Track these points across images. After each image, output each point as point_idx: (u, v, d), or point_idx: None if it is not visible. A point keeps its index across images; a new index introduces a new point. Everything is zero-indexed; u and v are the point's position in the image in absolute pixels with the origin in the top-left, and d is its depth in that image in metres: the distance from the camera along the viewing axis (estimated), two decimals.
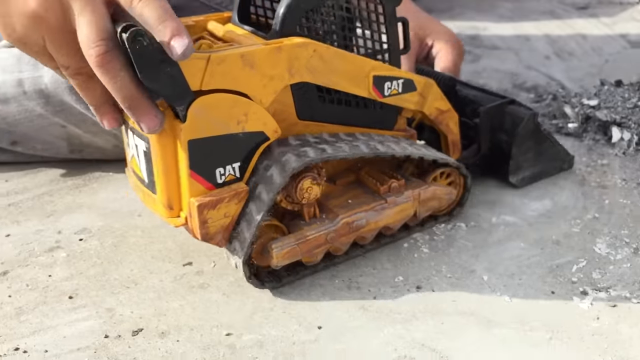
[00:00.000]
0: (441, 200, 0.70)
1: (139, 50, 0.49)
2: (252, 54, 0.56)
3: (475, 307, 0.59)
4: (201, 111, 0.54)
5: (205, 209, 0.57)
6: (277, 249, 0.60)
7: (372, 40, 0.66)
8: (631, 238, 0.68)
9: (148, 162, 0.58)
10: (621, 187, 0.77)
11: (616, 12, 1.47)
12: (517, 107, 0.77)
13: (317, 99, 0.63)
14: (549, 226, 0.71)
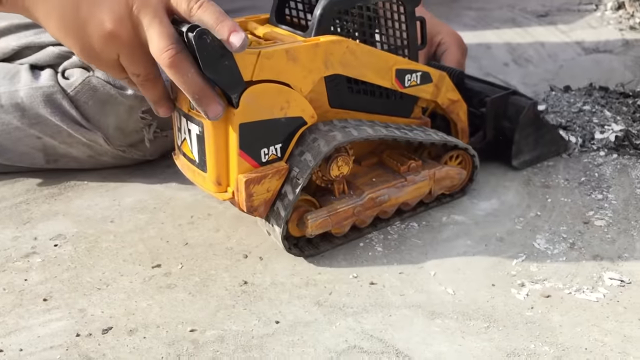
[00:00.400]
0: (453, 179, 0.79)
1: (203, 46, 0.58)
2: (294, 49, 0.66)
3: (422, 300, 0.64)
4: (251, 99, 0.64)
5: (251, 184, 0.66)
6: (312, 220, 0.69)
7: (395, 37, 0.75)
8: (568, 234, 0.73)
9: (200, 144, 0.67)
10: (563, 187, 0.83)
11: (574, 19, 1.53)
12: (519, 97, 0.86)
13: (347, 89, 0.73)
14: (494, 224, 0.76)
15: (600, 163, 0.87)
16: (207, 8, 0.61)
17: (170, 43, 0.60)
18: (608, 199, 0.79)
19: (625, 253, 0.69)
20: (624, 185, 0.82)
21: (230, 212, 0.82)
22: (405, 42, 0.75)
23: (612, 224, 0.74)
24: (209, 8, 0.61)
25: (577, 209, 0.78)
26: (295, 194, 0.67)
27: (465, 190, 0.82)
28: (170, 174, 0.92)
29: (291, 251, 0.71)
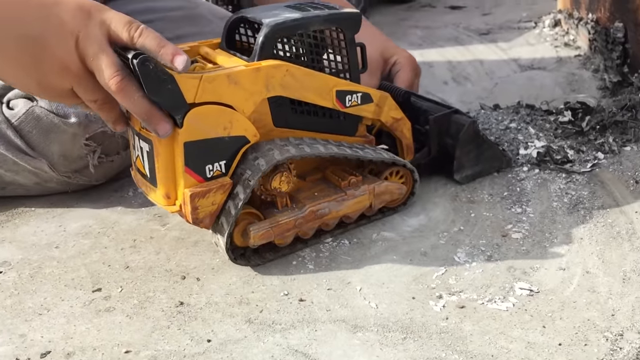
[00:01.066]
0: (393, 194, 0.85)
1: (146, 72, 0.64)
2: (236, 74, 0.71)
3: (347, 314, 0.69)
4: (195, 119, 0.69)
5: (196, 198, 0.71)
6: (254, 231, 0.74)
7: (336, 62, 0.80)
8: (487, 247, 0.78)
9: (150, 160, 0.72)
10: (487, 202, 0.88)
11: (513, 37, 1.61)
12: (460, 116, 0.92)
13: (290, 110, 0.78)
14: (420, 240, 0.81)
15: (522, 178, 0.93)
16: (148, 34, 0.67)
17: (116, 70, 0.65)
18: (526, 212, 0.85)
19: (537, 264, 0.75)
20: (542, 199, 0.88)
21: (171, 234, 0.85)
22: (346, 66, 0.80)
23: (527, 237, 0.80)
24: (150, 34, 0.67)
25: (497, 223, 0.83)
26: (237, 209, 0.72)
27: (407, 203, 0.88)
28: (117, 198, 0.96)
29: (237, 262, 0.77)
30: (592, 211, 0.84)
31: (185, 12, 1.24)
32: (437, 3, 2.08)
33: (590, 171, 0.93)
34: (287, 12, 0.77)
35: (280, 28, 0.74)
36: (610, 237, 0.78)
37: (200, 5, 1.27)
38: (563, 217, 0.83)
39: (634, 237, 0.78)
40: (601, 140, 1.00)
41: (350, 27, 0.79)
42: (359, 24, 0.80)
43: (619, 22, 1.23)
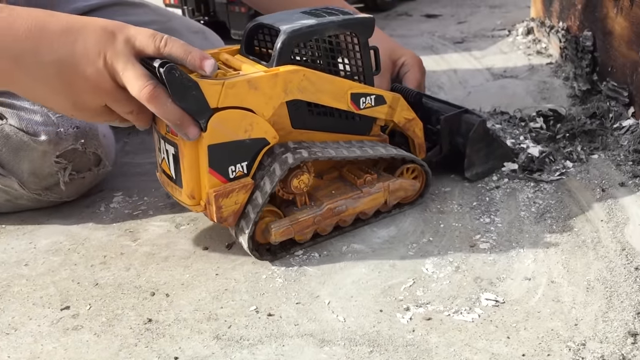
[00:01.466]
0: (407, 190, 0.89)
1: (172, 79, 0.68)
2: (256, 79, 0.75)
3: (315, 328, 0.69)
4: (218, 123, 0.73)
5: (220, 198, 0.75)
6: (275, 228, 0.78)
7: (351, 65, 0.84)
8: (454, 257, 0.79)
9: (176, 163, 0.77)
10: (456, 212, 0.89)
11: (487, 45, 1.62)
12: (470, 115, 0.94)
13: (307, 112, 0.82)
14: (389, 251, 0.81)
15: (492, 187, 0.94)
16: (174, 43, 0.71)
17: (146, 81, 0.69)
18: (495, 222, 0.86)
19: (503, 274, 0.75)
20: (510, 209, 0.89)
21: (142, 250, 0.85)
22: (360, 69, 0.84)
23: (495, 247, 0.81)
24: (175, 43, 0.71)
25: (465, 233, 0.84)
26: (259, 208, 0.76)
27: (423, 196, 0.91)
28: (88, 213, 0.96)
29: (263, 258, 0.81)
30: (559, 220, 0.85)
31: (158, 26, 1.23)
32: (413, 12, 2.10)
33: (558, 180, 0.95)
34: (303, 18, 0.81)
35: (297, 34, 0.78)
36: (575, 246, 0.79)
37: (174, 18, 1.27)
38: (530, 226, 0.84)
39: (599, 246, 0.79)
40: (570, 149, 1.01)
41: (364, 32, 0.83)
42: (372, 28, 0.84)
43: (587, 30, 1.25)
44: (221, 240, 0.86)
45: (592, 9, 1.24)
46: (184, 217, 0.93)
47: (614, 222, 0.83)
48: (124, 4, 1.27)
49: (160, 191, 1.01)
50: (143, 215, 0.94)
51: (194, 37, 1.25)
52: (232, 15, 1.66)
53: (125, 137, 1.24)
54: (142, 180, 1.05)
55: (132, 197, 1.00)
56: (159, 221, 0.92)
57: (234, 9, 1.64)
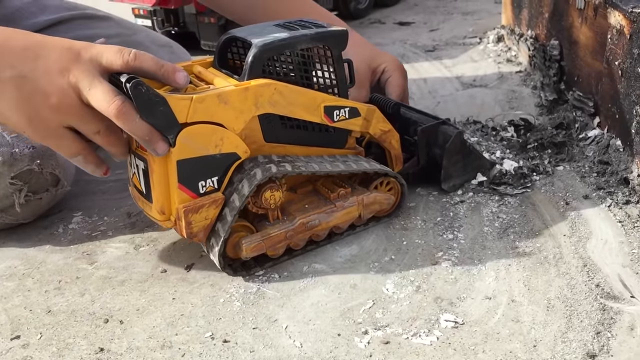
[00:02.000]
0: (382, 204, 0.88)
1: (139, 94, 0.67)
2: (226, 94, 0.73)
3: (270, 355, 0.67)
4: (187, 138, 0.72)
5: (189, 213, 0.74)
6: (246, 244, 0.77)
7: (324, 78, 0.83)
8: (416, 276, 0.78)
9: (146, 177, 0.75)
10: (420, 228, 0.88)
11: (458, 54, 1.62)
12: (447, 127, 0.94)
13: (280, 125, 0.81)
14: (350, 271, 0.80)
15: (456, 202, 0.93)
16: (142, 57, 0.70)
17: (114, 96, 0.67)
18: (458, 238, 0.85)
19: (464, 293, 0.74)
20: (474, 224, 0.88)
21: (98, 273, 0.83)
22: (334, 82, 0.84)
23: (457, 264, 0.79)
24: (144, 57, 0.70)
25: (428, 251, 0.83)
26: (228, 225, 0.75)
27: (398, 211, 0.90)
28: (46, 235, 0.93)
29: (225, 270, 0.79)
30: (522, 235, 0.84)
31: (122, 39, 1.22)
32: (386, 19, 2.10)
33: (522, 193, 0.94)
34: (276, 31, 0.80)
35: (269, 48, 0.77)
36: (537, 263, 0.78)
37: (139, 32, 1.25)
38: (493, 242, 0.83)
39: (561, 262, 0.78)
40: (536, 162, 1.00)
41: (337, 45, 0.82)
42: (346, 41, 0.83)
43: (554, 39, 1.25)
44: (180, 262, 0.84)
45: (559, 17, 1.24)
46: (143, 238, 0.91)
47: (577, 237, 0.83)
48: (87, 17, 1.24)
49: (121, 210, 0.99)
50: (102, 237, 0.92)
51: (160, 51, 1.23)
52: (202, 26, 1.64)
53: None
54: (103, 199, 1.03)
55: (92, 217, 0.97)
56: (118, 242, 0.90)
57: (204, 20, 1.62)
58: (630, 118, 0.93)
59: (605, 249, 0.80)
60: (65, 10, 1.24)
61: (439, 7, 2.27)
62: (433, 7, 2.27)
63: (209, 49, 1.69)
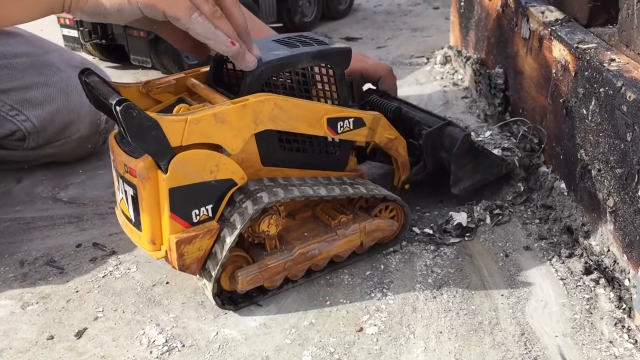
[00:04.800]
0: (384, 231, 0.82)
1: (129, 119, 0.61)
2: (222, 112, 0.68)
3: None
4: (180, 164, 0.66)
5: (182, 244, 0.68)
6: (242, 276, 0.71)
7: (325, 97, 0.78)
8: (337, 347, 0.69)
9: (135, 204, 0.69)
10: (346, 284, 0.79)
11: (404, 75, 1.54)
12: (454, 129, 0.87)
13: (279, 147, 0.75)
14: (264, 339, 0.71)
15: (389, 252, 0.85)
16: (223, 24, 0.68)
17: None
18: (387, 297, 0.76)
19: None
20: (405, 279, 0.79)
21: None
22: (336, 101, 0.78)
23: (384, 331, 0.71)
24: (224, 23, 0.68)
25: (353, 313, 0.74)
26: (223, 254, 0.69)
27: (399, 238, 0.85)
28: None
29: (225, 307, 0.74)
30: (457, 295, 0.76)
31: (31, 59, 1.10)
32: (333, 33, 2.01)
33: (459, 242, 0.86)
34: (276, 48, 0.75)
35: (268, 68, 0.72)
36: (471, 330, 0.70)
37: (52, 51, 1.13)
38: (425, 303, 0.75)
39: (497, 329, 0.70)
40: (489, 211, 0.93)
41: (340, 63, 0.77)
42: (349, 59, 0.78)
43: (500, 67, 1.19)
44: (72, 326, 0.73)
45: (504, 44, 1.17)
46: (34, 294, 0.79)
47: (515, 297, 0.75)
48: None
49: (14, 257, 0.87)
50: None
51: (73, 72, 1.12)
52: (131, 40, 1.52)
53: None
54: None
55: None
56: (4, 299, 0.79)
57: (133, 33, 1.51)
58: (575, 161, 0.87)
59: (545, 313, 0.72)
60: None
61: (388, 21, 2.19)
62: (382, 22, 2.19)
63: (139, 64, 1.57)
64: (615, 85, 0.75)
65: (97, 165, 1.14)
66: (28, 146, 1.09)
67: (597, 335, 0.69)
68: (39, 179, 1.11)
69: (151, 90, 0.77)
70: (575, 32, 0.91)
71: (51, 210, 1.00)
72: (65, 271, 0.84)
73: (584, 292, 0.75)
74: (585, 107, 0.83)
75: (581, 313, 0.72)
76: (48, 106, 1.08)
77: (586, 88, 0.82)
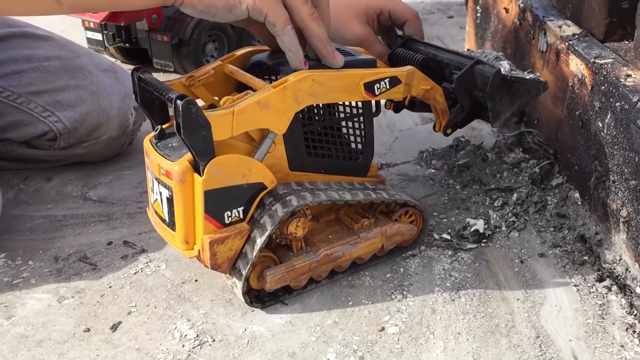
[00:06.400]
0: (404, 235, 0.86)
1: (188, 114, 0.65)
2: (265, 98, 0.72)
3: None
4: (216, 168, 0.69)
5: (215, 244, 0.72)
6: (270, 276, 0.75)
7: (350, 107, 0.84)
8: (360, 345, 0.72)
9: (170, 205, 0.73)
10: (368, 286, 0.83)
11: None
12: (483, 67, 0.88)
13: (306, 153, 0.79)
14: (290, 335, 0.74)
15: (408, 256, 0.88)
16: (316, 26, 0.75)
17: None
18: (407, 299, 0.79)
19: None
20: (424, 282, 0.83)
21: (15, 330, 0.75)
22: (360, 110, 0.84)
23: (404, 331, 0.74)
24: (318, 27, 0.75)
25: (375, 313, 0.77)
26: (254, 254, 0.73)
27: (417, 242, 0.90)
28: None
29: (252, 305, 0.78)
30: (474, 298, 0.79)
31: (63, 62, 1.14)
32: None
33: (476, 247, 0.89)
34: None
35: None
36: (488, 332, 0.74)
37: (82, 55, 1.17)
38: (444, 305, 0.78)
39: (513, 332, 0.74)
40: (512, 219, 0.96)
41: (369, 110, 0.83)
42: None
43: None
44: (106, 319, 0.77)
45: (521, 56, 1.20)
46: (69, 288, 0.83)
47: (530, 302, 0.78)
48: (26, 36, 1.16)
49: (48, 253, 0.91)
50: (24, 285, 0.84)
51: (103, 76, 1.16)
52: (155, 44, 1.56)
53: (22, 183, 1.13)
54: (29, 239, 0.95)
55: (16, 261, 0.89)
56: (41, 292, 0.83)
57: (156, 37, 1.55)
58: (589, 172, 0.90)
59: (559, 317, 0.75)
60: (5, 26, 1.16)
61: None
62: None
63: (162, 68, 1.61)
64: (631, 100, 0.78)
65: (124, 166, 1.19)
66: (59, 146, 1.13)
67: (609, 339, 0.72)
68: (68, 178, 1.15)
69: (193, 84, 0.81)
70: (592, 47, 0.95)
71: (81, 208, 1.04)
72: (98, 267, 0.88)
73: (597, 298, 0.78)
74: (601, 120, 0.86)
75: (594, 318, 0.75)
76: (79, 108, 1.12)
77: (602, 102, 0.86)
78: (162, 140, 0.77)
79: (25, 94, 1.10)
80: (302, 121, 0.79)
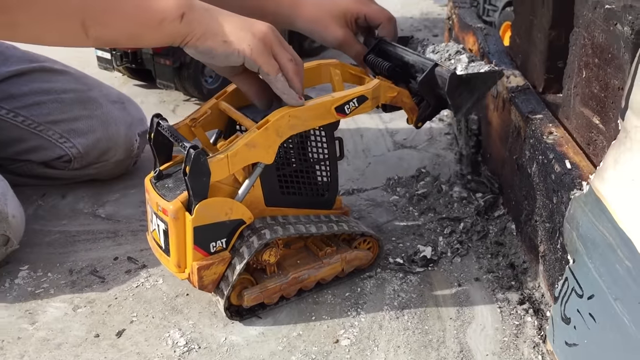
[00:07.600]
0: (362, 260, 1.04)
1: (197, 163, 0.82)
2: (251, 140, 0.88)
3: None
4: (203, 208, 0.86)
5: (202, 269, 0.89)
6: (247, 295, 0.93)
7: (318, 153, 0.99)
8: (318, 354, 0.89)
9: (166, 236, 0.90)
10: (329, 303, 1.00)
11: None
12: (440, 69, 0.98)
13: (279, 191, 0.96)
14: (262, 345, 0.91)
15: (365, 277, 1.05)
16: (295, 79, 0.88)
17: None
18: (360, 316, 0.96)
19: None
20: (376, 302, 1.00)
21: (38, 334, 0.92)
22: (326, 156, 1.00)
23: (354, 343, 0.91)
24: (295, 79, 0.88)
25: (332, 327, 0.94)
26: (234, 277, 0.90)
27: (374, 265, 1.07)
28: None
29: (232, 318, 0.96)
30: (415, 316, 0.96)
31: (77, 94, 1.31)
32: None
33: (424, 271, 1.06)
34: None
35: None
36: (422, 346, 0.91)
37: (94, 88, 1.34)
38: (389, 322, 0.95)
39: (442, 347, 0.90)
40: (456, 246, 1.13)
41: (330, 127, 0.97)
42: (337, 123, 0.97)
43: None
44: (113, 327, 0.94)
45: None
46: (82, 299, 1.01)
47: (461, 321, 0.95)
48: (45, 70, 1.33)
49: (64, 267, 1.08)
50: (44, 294, 1.02)
51: (112, 107, 1.32)
52: (158, 67, 1.73)
53: (40, 199, 1.30)
54: (48, 253, 1.12)
55: (37, 272, 1.07)
56: (58, 302, 1.00)
57: (160, 61, 1.71)
58: (522, 209, 1.06)
59: (482, 334, 0.92)
60: (27, 62, 1.32)
61: None
62: None
63: (164, 87, 1.77)
64: (548, 156, 0.94)
65: (129, 185, 1.36)
66: (73, 167, 1.30)
67: (519, 355, 0.89)
68: (80, 195, 1.32)
69: (194, 125, 0.97)
70: (530, 101, 1.10)
71: (92, 225, 1.21)
72: (106, 280, 1.05)
73: (515, 319, 0.95)
74: (529, 167, 1.02)
75: (509, 336, 0.92)
76: (91, 135, 1.29)
77: (531, 152, 1.02)
78: (160, 180, 0.94)
79: (45, 123, 1.27)
80: (276, 165, 0.95)
